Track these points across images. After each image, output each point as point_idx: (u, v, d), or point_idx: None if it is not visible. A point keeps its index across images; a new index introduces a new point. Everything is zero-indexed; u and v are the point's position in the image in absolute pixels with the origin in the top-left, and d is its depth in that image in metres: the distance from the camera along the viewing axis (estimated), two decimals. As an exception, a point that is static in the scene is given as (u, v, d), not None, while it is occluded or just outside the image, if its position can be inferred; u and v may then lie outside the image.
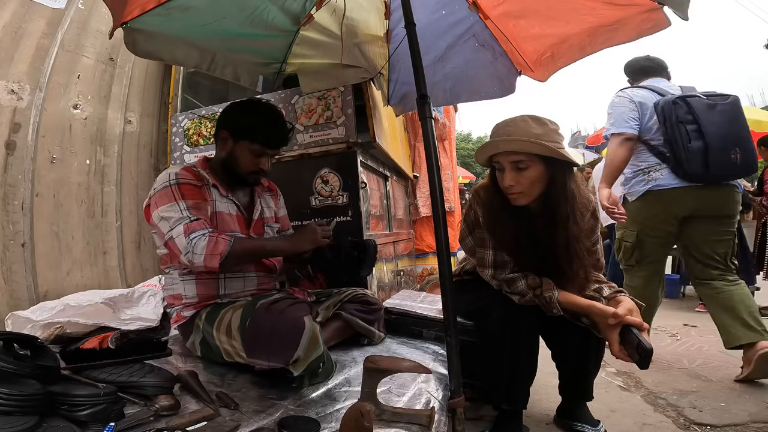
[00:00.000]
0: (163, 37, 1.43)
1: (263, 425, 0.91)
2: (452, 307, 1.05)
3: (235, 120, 1.35)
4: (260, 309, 1.16)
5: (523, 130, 1.19)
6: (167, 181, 1.24)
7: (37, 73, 1.88)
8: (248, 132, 1.32)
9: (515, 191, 1.22)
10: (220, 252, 1.14)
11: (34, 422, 0.74)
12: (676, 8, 1.14)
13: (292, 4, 1.55)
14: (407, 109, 2.09)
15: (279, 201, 1.60)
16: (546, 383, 1.62)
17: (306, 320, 1.11)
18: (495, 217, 1.29)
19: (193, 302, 1.31)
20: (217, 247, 1.15)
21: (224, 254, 1.15)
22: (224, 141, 1.36)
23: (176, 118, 2.36)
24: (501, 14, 1.54)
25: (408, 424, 0.94)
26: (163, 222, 1.20)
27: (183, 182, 1.24)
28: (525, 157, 1.18)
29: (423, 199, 3.29)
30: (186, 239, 1.15)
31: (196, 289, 1.32)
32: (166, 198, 1.21)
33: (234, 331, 1.18)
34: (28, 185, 1.82)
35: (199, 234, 1.16)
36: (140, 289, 1.84)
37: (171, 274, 1.36)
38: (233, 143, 1.34)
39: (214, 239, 1.16)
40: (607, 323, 1.13)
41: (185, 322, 1.32)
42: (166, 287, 1.39)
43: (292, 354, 1.07)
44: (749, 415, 1.50)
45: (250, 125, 1.32)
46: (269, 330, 1.11)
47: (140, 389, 0.96)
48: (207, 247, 1.14)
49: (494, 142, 1.22)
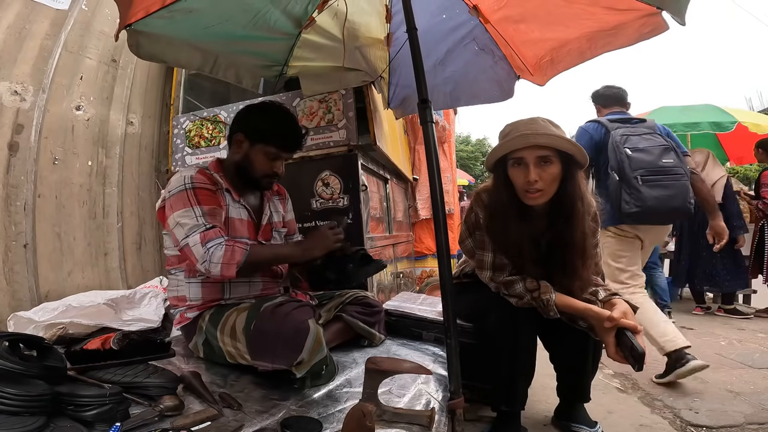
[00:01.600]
0: (166, 39, 1.44)
1: (266, 425, 0.92)
2: (452, 309, 1.07)
3: (252, 122, 1.35)
4: (265, 312, 1.17)
5: (545, 127, 1.22)
6: (182, 184, 1.23)
7: (40, 74, 1.89)
8: (264, 135, 1.32)
9: (538, 187, 1.21)
10: (237, 261, 1.15)
11: (41, 422, 0.75)
12: (674, 13, 1.16)
13: (295, 7, 1.56)
14: (407, 112, 2.11)
15: (287, 205, 1.60)
16: (544, 385, 1.63)
17: (310, 323, 1.12)
18: (500, 219, 1.29)
19: (197, 304, 1.32)
20: (234, 257, 1.15)
21: (240, 263, 1.15)
22: (239, 143, 1.35)
23: (178, 119, 2.37)
24: (501, 18, 1.55)
25: (408, 425, 0.95)
26: (179, 228, 1.19)
27: (198, 187, 1.24)
28: (551, 153, 1.20)
29: (422, 202, 3.31)
30: (203, 248, 1.15)
31: (200, 291, 1.32)
32: (181, 202, 1.21)
33: (239, 333, 1.18)
34: (30, 186, 1.83)
35: (216, 243, 1.16)
36: (141, 291, 1.85)
37: (176, 276, 1.36)
38: (249, 146, 1.34)
39: (231, 248, 1.16)
40: (603, 326, 1.15)
41: (188, 324, 1.33)
42: (170, 288, 1.40)
43: (297, 356, 1.08)
44: (745, 416, 1.52)
45: (267, 128, 1.32)
46: (274, 332, 1.12)
47: (145, 390, 0.97)
48: (224, 257, 1.14)
49: (524, 135, 1.20)
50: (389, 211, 2.66)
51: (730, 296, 3.33)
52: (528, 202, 1.25)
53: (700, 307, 3.43)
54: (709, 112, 3.93)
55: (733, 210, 3.21)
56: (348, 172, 1.99)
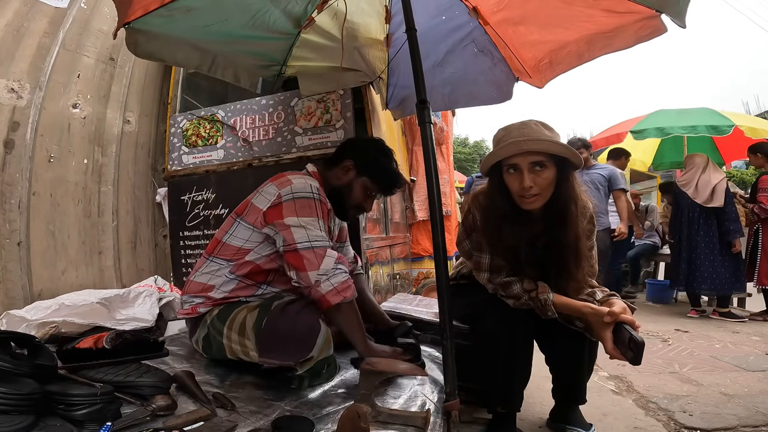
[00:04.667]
0: (164, 38, 1.44)
1: (259, 426, 0.91)
2: (448, 311, 1.06)
3: (366, 155, 1.37)
4: (276, 310, 1.17)
5: (538, 132, 1.21)
6: (310, 193, 1.24)
7: (37, 72, 1.88)
8: (374, 171, 1.36)
9: (534, 192, 1.20)
10: (345, 297, 1.15)
11: (30, 421, 0.74)
12: (674, 16, 1.17)
13: (294, 6, 1.56)
14: (406, 113, 2.11)
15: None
16: (540, 386, 1.63)
17: (321, 322, 1.14)
18: (495, 223, 1.29)
19: (219, 298, 1.27)
20: (347, 291, 1.16)
21: (346, 300, 1.16)
22: (346, 170, 1.37)
23: (175, 118, 2.36)
24: (500, 20, 1.56)
25: (403, 426, 0.95)
26: (301, 230, 1.18)
27: (324, 201, 1.27)
28: (544, 158, 1.20)
29: (419, 203, 3.30)
30: (334, 264, 1.16)
31: (233, 287, 1.27)
32: (308, 210, 1.21)
33: (249, 330, 1.17)
34: (25, 184, 1.82)
35: (343, 269, 1.18)
36: (136, 290, 1.83)
37: (218, 263, 1.29)
38: (355, 175, 1.36)
39: (349, 283, 1.18)
40: (602, 322, 1.14)
41: (196, 317, 1.29)
42: (202, 273, 1.30)
43: (307, 354, 1.10)
44: (739, 419, 1.52)
45: (379, 166, 1.36)
46: (286, 330, 1.12)
47: (137, 389, 0.96)
48: (341, 284, 1.15)
49: (516, 143, 1.19)
50: (386, 212, 2.66)
51: (725, 299, 3.34)
52: (524, 207, 1.25)
53: (695, 309, 3.44)
54: (707, 115, 3.96)
55: (731, 213, 3.23)
56: (345, 173, 1.98)
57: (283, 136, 2.10)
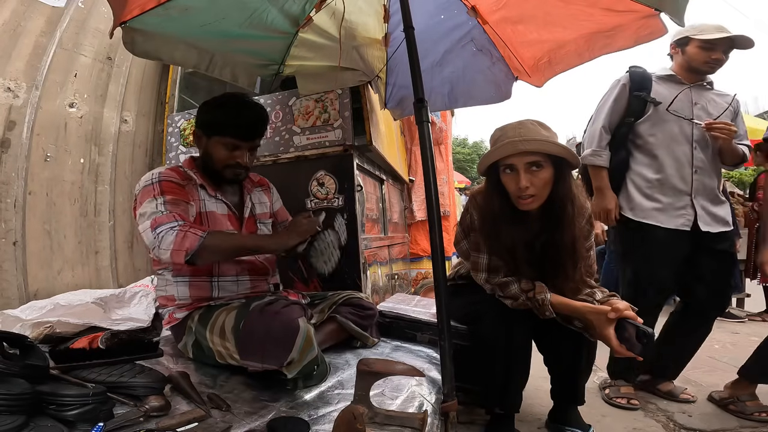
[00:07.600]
0: (161, 37, 1.43)
1: (254, 427, 0.90)
2: (446, 311, 1.06)
3: (206, 116, 1.34)
4: (254, 310, 1.15)
5: (534, 131, 1.21)
6: (150, 179, 1.23)
7: (34, 71, 1.87)
8: (218, 126, 1.30)
9: (530, 193, 1.20)
10: (187, 248, 1.09)
11: (21, 422, 0.73)
12: (672, 14, 1.17)
13: (292, 6, 1.56)
14: (405, 112, 2.10)
15: (272, 195, 1.59)
16: (538, 387, 1.63)
17: (300, 322, 1.10)
18: (493, 223, 1.29)
19: (185, 303, 1.30)
20: (184, 243, 1.09)
21: (192, 250, 1.09)
22: (199, 139, 1.35)
23: (172, 118, 2.35)
24: (499, 19, 1.55)
25: (400, 427, 0.94)
26: (141, 218, 1.17)
27: (164, 180, 1.23)
28: (541, 158, 1.19)
29: (418, 203, 3.30)
30: (152, 233, 1.11)
31: (188, 291, 1.30)
32: (147, 195, 1.19)
33: (228, 332, 1.17)
34: (21, 183, 1.80)
35: (167, 227, 1.11)
36: (132, 290, 1.82)
37: (163, 275, 1.34)
38: (206, 140, 1.33)
39: (183, 233, 1.10)
40: (604, 320, 1.13)
41: (177, 324, 1.31)
42: (159, 288, 1.38)
43: (287, 356, 1.06)
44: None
45: (220, 119, 1.30)
46: (263, 332, 1.10)
47: (130, 390, 0.95)
48: (174, 243, 1.09)
49: (512, 143, 1.19)
50: (385, 212, 2.65)
51: (724, 300, 3.34)
52: (522, 208, 1.25)
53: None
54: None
55: (731, 214, 3.22)
56: (343, 173, 1.97)
57: (281, 135, 2.09)
